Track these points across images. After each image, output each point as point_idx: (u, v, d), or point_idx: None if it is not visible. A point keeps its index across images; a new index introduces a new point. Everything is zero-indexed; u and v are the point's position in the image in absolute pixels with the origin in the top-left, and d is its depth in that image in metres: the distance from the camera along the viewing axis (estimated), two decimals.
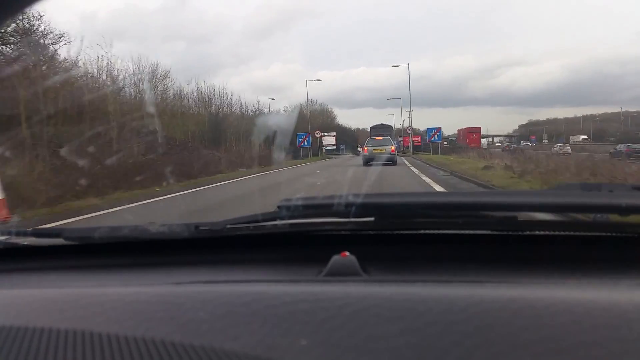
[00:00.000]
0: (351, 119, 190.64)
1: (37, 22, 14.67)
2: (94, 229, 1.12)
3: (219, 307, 0.69)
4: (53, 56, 15.59)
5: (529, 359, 0.54)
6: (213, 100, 31.63)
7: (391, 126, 53.50)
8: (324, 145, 49.62)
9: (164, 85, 24.46)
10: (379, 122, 54.37)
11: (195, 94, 29.40)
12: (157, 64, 23.25)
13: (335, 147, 51.92)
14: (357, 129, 78.90)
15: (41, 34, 14.64)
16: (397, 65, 43.83)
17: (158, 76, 23.15)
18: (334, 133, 52.42)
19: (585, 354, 0.54)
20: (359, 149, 42.44)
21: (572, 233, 1.03)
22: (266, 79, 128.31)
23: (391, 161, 20.90)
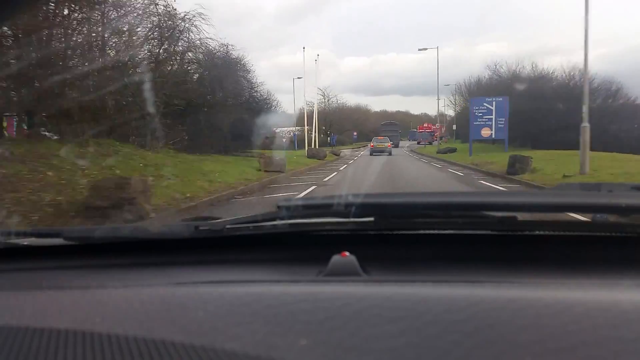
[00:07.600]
0: (376, 105, 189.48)
1: None
2: (94, 229, 1.12)
3: (219, 307, 0.69)
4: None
5: (529, 358, 0.54)
6: None
7: (397, 123, 69.28)
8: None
9: None
10: (388, 121, 69.89)
11: None
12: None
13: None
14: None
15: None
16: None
17: None
18: None
19: (585, 354, 0.54)
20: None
21: (572, 233, 1.03)
22: (293, 65, 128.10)
23: (388, 152, 34.23)
